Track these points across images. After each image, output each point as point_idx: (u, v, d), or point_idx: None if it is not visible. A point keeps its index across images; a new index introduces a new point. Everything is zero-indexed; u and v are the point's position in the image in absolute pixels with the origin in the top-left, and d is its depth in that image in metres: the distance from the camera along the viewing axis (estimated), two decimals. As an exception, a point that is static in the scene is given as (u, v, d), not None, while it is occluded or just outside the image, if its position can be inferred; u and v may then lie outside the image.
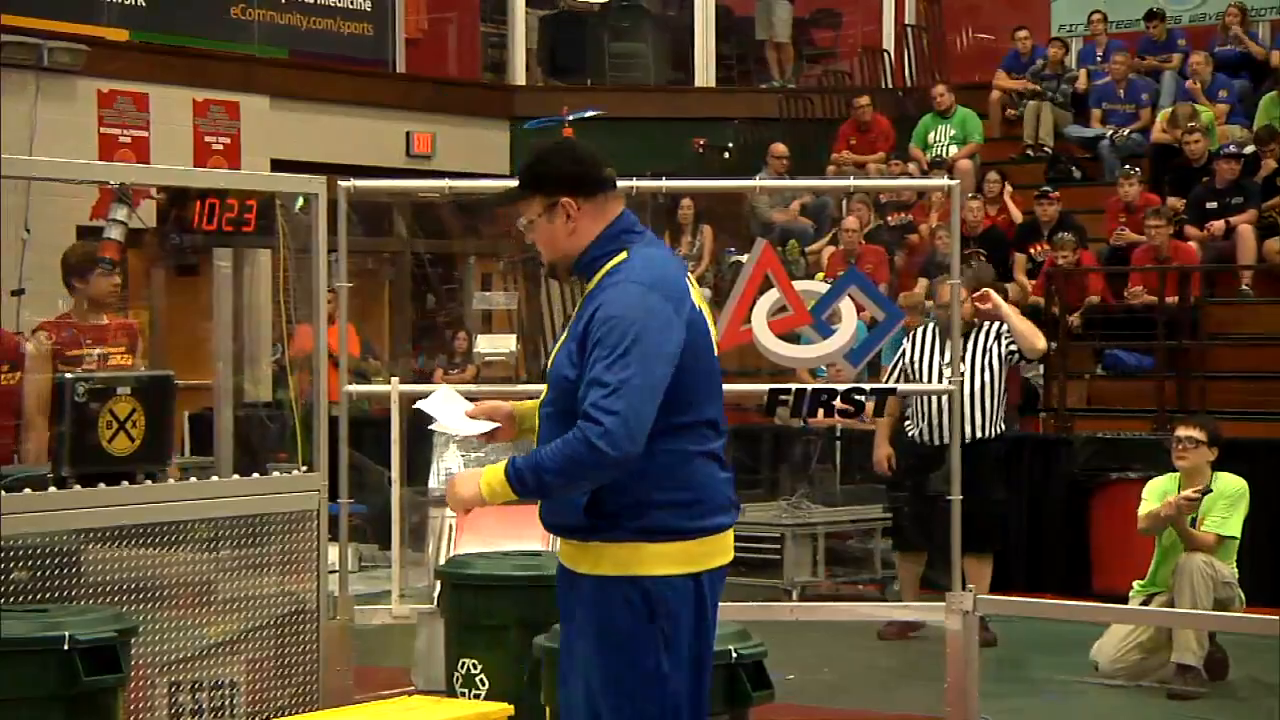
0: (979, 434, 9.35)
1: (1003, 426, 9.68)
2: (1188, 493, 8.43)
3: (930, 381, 9.38)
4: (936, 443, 9.39)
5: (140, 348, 7.82)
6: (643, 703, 4.29)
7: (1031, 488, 11.58)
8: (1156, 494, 8.69)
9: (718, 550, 4.35)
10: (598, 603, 4.29)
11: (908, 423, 9.69)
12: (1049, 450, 11.66)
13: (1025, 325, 9.38)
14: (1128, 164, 14.67)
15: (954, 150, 15.88)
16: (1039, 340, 9.40)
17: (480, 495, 4.28)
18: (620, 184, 4.41)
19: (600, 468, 4.13)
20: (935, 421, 9.43)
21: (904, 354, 9.60)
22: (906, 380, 9.49)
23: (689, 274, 4.47)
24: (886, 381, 9.28)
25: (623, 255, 4.31)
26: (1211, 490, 8.48)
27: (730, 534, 4.41)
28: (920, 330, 9.66)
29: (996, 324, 9.43)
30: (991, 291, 9.16)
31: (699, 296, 4.40)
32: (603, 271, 4.32)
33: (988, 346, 9.44)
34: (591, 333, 4.20)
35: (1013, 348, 9.44)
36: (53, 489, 5.97)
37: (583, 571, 4.32)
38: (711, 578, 4.34)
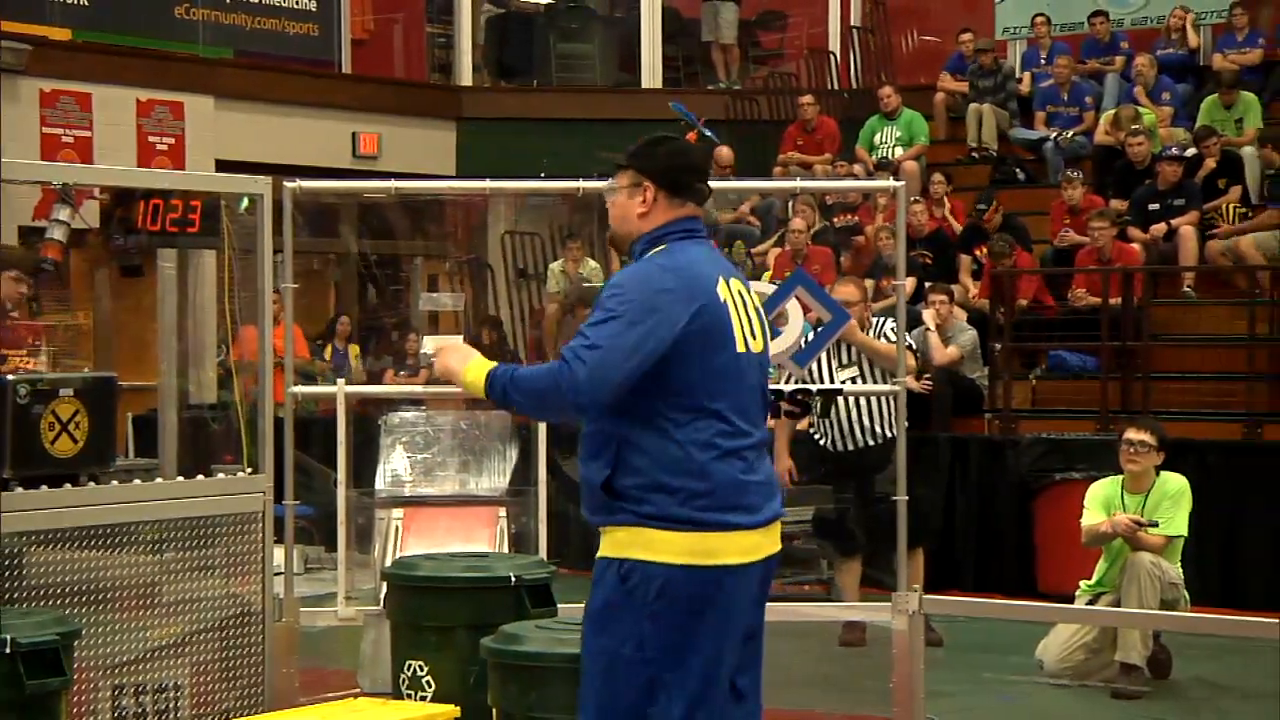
0: (887, 433, 9.20)
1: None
2: (1136, 519, 8.44)
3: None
4: (849, 448, 9.38)
5: (52, 351, 7.79)
6: (613, 684, 4.35)
7: (978, 489, 11.64)
8: (1099, 501, 8.68)
9: (728, 549, 4.38)
10: (595, 581, 4.43)
11: (814, 431, 9.62)
12: (995, 451, 11.71)
13: (882, 349, 9.08)
14: (1071, 166, 14.75)
15: (900, 152, 15.92)
16: (907, 358, 9.20)
17: (462, 378, 4.50)
18: (567, 185, 4.49)
19: (555, 407, 4.42)
20: (844, 428, 9.39)
21: None
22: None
23: (735, 278, 4.56)
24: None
25: (662, 248, 4.51)
26: (1158, 524, 8.50)
27: (751, 536, 4.43)
28: None
29: (883, 321, 9.33)
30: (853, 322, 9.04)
31: (737, 299, 4.49)
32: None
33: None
34: (599, 299, 4.42)
35: (910, 345, 9.38)
36: (-6, 491, 5.93)
37: (598, 555, 4.45)
38: (720, 575, 4.35)
